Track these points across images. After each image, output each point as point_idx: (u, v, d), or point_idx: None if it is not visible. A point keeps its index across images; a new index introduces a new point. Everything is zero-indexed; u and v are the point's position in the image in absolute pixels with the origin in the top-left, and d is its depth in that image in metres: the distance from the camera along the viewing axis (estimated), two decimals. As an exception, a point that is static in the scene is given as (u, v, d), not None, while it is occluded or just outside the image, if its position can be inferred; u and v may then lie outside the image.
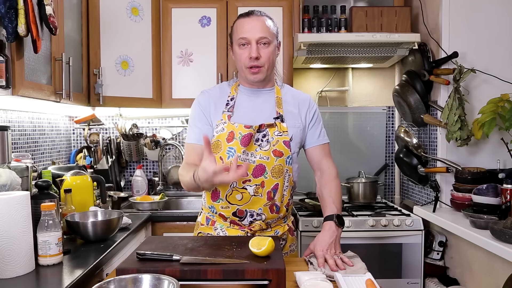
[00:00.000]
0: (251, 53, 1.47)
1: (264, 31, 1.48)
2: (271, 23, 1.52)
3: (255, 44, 1.47)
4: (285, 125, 1.53)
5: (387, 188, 2.96)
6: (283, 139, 1.52)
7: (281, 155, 1.51)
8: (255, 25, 1.48)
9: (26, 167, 1.58)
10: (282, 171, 1.52)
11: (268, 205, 1.52)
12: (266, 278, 1.09)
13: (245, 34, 1.48)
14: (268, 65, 1.52)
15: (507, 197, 1.86)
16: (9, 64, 1.47)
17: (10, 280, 1.25)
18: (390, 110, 2.94)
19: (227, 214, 1.53)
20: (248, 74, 1.52)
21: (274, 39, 1.52)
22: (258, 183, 1.49)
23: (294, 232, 1.67)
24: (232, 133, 1.50)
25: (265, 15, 1.53)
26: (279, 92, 1.61)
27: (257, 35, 1.47)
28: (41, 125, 2.44)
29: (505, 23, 2.28)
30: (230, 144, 1.50)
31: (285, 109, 1.57)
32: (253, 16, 1.50)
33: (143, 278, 1.01)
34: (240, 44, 1.50)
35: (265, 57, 1.49)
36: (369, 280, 1.17)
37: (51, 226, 1.38)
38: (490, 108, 2.02)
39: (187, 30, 2.56)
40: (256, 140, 1.51)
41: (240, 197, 1.50)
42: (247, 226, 1.53)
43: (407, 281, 2.28)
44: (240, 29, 1.50)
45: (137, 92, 2.47)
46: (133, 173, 2.89)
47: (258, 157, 1.49)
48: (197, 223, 1.67)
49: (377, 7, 2.46)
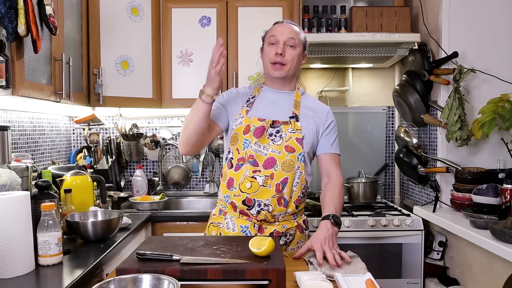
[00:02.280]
0: (277, 49, 1.61)
1: (292, 34, 1.64)
2: (300, 31, 1.69)
3: (283, 44, 1.62)
4: (299, 124, 1.63)
5: (387, 188, 2.96)
6: (296, 136, 1.61)
7: (293, 151, 1.59)
8: (285, 28, 1.66)
9: (26, 167, 1.58)
10: (292, 166, 1.59)
11: (276, 197, 1.57)
12: (266, 278, 1.09)
13: (276, 33, 1.64)
14: (291, 65, 1.64)
15: (507, 197, 1.86)
16: (9, 64, 1.47)
17: (10, 280, 1.25)
18: (390, 110, 2.94)
19: (238, 202, 1.60)
20: (270, 69, 1.65)
21: (300, 45, 1.67)
22: (268, 175, 1.57)
23: (304, 230, 1.70)
24: (248, 126, 1.62)
25: (296, 25, 1.71)
26: (298, 96, 1.73)
27: (285, 36, 1.63)
28: (41, 125, 2.44)
29: (505, 23, 2.28)
30: (245, 136, 1.61)
31: (302, 111, 1.68)
32: (286, 23, 1.69)
33: (143, 278, 1.01)
34: (269, 43, 1.65)
35: (289, 57, 1.63)
36: (369, 280, 1.17)
37: (51, 226, 1.38)
38: (490, 108, 2.02)
39: (187, 30, 2.56)
40: (270, 135, 1.61)
41: (249, 186, 1.58)
42: (255, 216, 1.59)
43: (407, 281, 2.28)
44: (273, 30, 1.67)
45: (137, 92, 2.47)
46: (133, 173, 2.89)
47: (270, 150, 1.59)
48: (211, 215, 1.74)
49: (377, 7, 2.46)
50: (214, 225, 1.66)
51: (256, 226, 1.58)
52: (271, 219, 1.58)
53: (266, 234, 1.58)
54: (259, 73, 2.55)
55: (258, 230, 1.58)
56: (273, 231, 1.59)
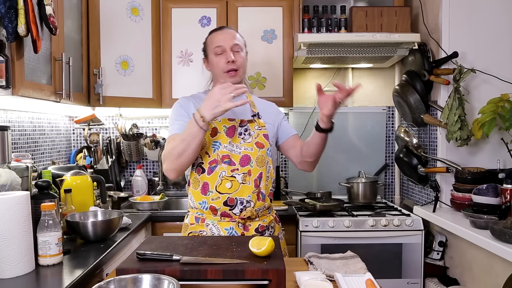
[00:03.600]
0: (228, 58, 1.66)
1: (235, 39, 1.70)
2: (239, 35, 1.75)
3: (230, 51, 1.67)
4: (262, 121, 1.71)
5: (387, 188, 2.96)
6: (263, 133, 1.69)
7: (262, 146, 1.66)
8: (228, 35, 1.70)
9: (26, 167, 1.58)
10: (264, 161, 1.66)
11: (256, 192, 1.63)
12: (266, 278, 1.09)
13: (221, 43, 1.68)
14: (242, 69, 1.71)
15: (507, 197, 1.86)
16: (9, 64, 1.47)
17: (10, 280, 1.25)
18: (390, 110, 2.94)
19: (218, 205, 1.61)
20: (226, 78, 1.68)
21: (244, 47, 1.74)
22: (246, 172, 1.62)
23: (279, 222, 1.79)
24: (215, 128, 1.64)
25: (232, 28, 1.77)
26: (250, 97, 1.79)
27: (230, 43, 1.68)
28: (41, 125, 2.44)
29: (504, 23, 2.28)
30: (214, 139, 1.64)
31: (258, 109, 1.75)
32: (225, 29, 1.74)
33: (143, 278, 1.01)
34: (216, 53, 1.69)
35: (240, 62, 1.69)
36: (369, 280, 1.17)
37: (51, 226, 1.38)
38: (490, 108, 2.02)
39: (187, 30, 2.56)
40: (240, 134, 1.66)
41: (229, 185, 1.60)
42: (238, 215, 1.61)
43: (407, 281, 2.28)
44: (215, 39, 1.70)
45: (137, 92, 2.47)
46: (133, 173, 2.89)
47: (243, 148, 1.64)
48: (185, 225, 1.73)
49: (377, 7, 2.46)
50: (195, 234, 1.65)
51: (240, 225, 1.61)
52: (255, 215, 1.62)
53: (252, 231, 1.62)
54: (259, 73, 2.55)
55: (243, 228, 1.61)
56: (257, 227, 1.64)
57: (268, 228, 1.67)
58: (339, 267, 1.34)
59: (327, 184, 2.90)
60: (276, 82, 2.56)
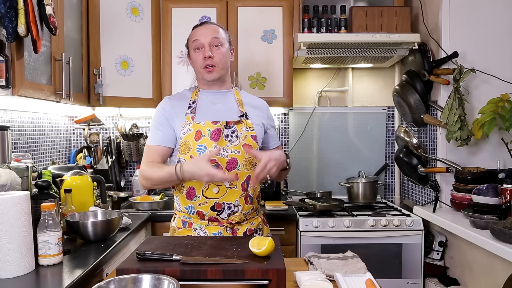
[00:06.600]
0: (205, 53, 1.62)
1: (215, 33, 1.65)
2: (222, 30, 1.71)
3: (208, 46, 1.63)
4: (250, 122, 1.67)
5: (387, 188, 2.96)
6: (251, 134, 1.65)
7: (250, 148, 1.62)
8: (207, 30, 1.66)
9: (26, 167, 1.58)
10: (253, 164, 1.63)
11: (243, 196, 1.61)
12: (266, 278, 1.09)
13: (198, 37, 1.65)
14: (222, 65, 1.66)
15: (507, 197, 1.86)
16: (9, 64, 1.47)
17: (10, 280, 1.25)
18: (390, 110, 2.94)
19: (205, 210, 1.59)
20: (204, 74, 1.65)
21: (226, 42, 1.69)
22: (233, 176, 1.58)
23: (266, 223, 1.78)
24: (199, 131, 1.60)
25: (215, 23, 1.72)
26: (238, 94, 1.75)
27: (209, 37, 1.64)
28: (41, 125, 2.44)
29: (505, 23, 2.28)
30: (199, 142, 1.59)
31: (246, 109, 1.71)
32: (206, 24, 1.70)
33: (143, 278, 1.01)
34: (194, 48, 1.66)
35: (218, 57, 1.64)
36: (369, 280, 1.17)
37: (51, 226, 1.38)
38: (490, 108, 2.02)
39: (187, 30, 2.54)
40: (226, 136, 1.61)
41: (216, 190, 1.57)
42: (226, 220, 1.59)
43: (407, 281, 2.28)
44: (195, 34, 1.68)
45: (137, 92, 2.47)
46: (133, 173, 2.88)
47: (230, 151, 1.60)
48: (172, 228, 1.70)
49: (377, 7, 2.46)
50: None
51: (228, 229, 1.59)
52: (243, 218, 1.61)
53: (240, 235, 1.60)
54: (259, 73, 2.55)
55: (231, 232, 1.60)
56: (246, 230, 1.62)
57: (256, 231, 1.66)
58: (339, 267, 1.34)
59: (327, 184, 2.90)
60: (276, 82, 2.56)
